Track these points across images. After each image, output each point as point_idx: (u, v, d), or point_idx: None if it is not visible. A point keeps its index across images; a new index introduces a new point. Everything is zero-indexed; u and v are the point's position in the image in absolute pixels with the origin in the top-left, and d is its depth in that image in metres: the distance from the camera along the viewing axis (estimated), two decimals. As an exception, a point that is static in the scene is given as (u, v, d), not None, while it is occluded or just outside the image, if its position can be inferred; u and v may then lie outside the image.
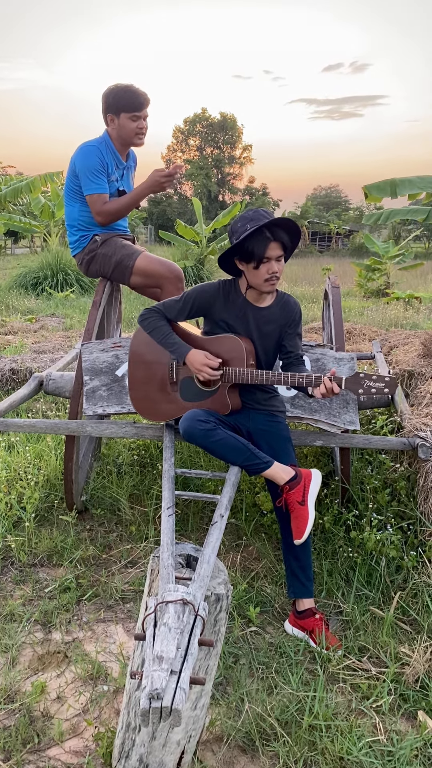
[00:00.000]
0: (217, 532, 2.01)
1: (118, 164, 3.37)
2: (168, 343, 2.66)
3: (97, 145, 3.26)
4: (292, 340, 2.70)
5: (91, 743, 1.95)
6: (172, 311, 2.69)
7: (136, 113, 3.22)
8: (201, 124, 55.19)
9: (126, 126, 3.24)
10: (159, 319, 2.69)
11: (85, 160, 3.22)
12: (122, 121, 3.23)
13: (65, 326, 8.88)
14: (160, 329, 2.68)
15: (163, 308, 2.70)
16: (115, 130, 3.28)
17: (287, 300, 2.69)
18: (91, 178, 3.21)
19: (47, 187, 14.86)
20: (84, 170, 3.21)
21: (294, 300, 2.72)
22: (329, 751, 1.91)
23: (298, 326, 2.71)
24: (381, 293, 14.26)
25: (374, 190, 6.80)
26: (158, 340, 2.69)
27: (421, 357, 4.58)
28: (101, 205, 3.25)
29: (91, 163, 3.21)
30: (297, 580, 2.51)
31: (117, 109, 3.22)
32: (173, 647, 1.40)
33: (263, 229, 2.43)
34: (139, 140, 3.32)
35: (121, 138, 3.29)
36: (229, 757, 1.93)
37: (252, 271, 2.51)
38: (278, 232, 2.45)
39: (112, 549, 3.10)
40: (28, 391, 3.49)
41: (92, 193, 3.23)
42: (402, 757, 1.89)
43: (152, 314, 2.70)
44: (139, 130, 3.27)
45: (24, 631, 2.47)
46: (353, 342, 6.98)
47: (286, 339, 2.70)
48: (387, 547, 2.77)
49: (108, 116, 3.28)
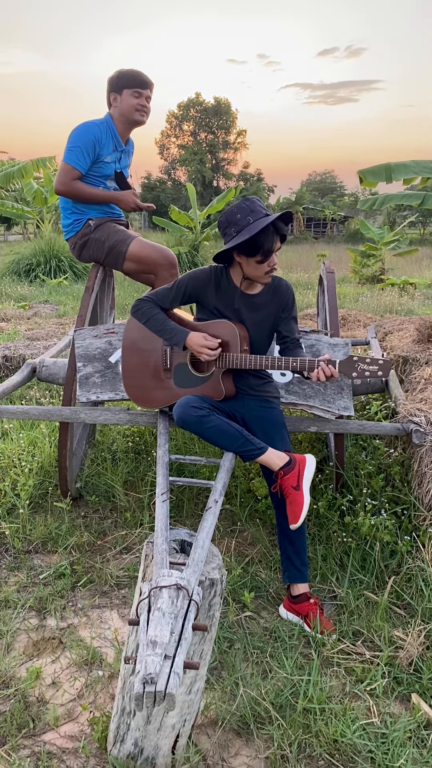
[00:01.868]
0: (212, 517, 2.00)
1: (117, 146, 3.34)
2: (165, 330, 2.64)
3: (98, 124, 3.24)
4: (288, 325, 2.69)
5: (87, 728, 1.96)
6: (165, 300, 2.67)
7: (138, 89, 3.23)
8: (195, 109, 54.67)
9: (127, 101, 3.24)
10: (153, 308, 2.67)
11: (79, 134, 3.21)
12: (124, 97, 3.24)
13: (58, 313, 8.84)
14: (156, 318, 2.65)
15: (155, 297, 2.68)
16: (117, 108, 3.27)
17: (279, 284, 2.67)
18: (76, 150, 3.19)
19: (40, 172, 14.70)
20: (73, 141, 3.20)
21: (286, 283, 2.70)
22: (323, 733, 1.92)
23: (292, 310, 2.70)
24: (376, 279, 14.24)
25: (369, 175, 6.76)
26: (154, 329, 2.66)
27: (415, 343, 4.58)
28: (71, 179, 3.23)
29: (83, 138, 3.19)
30: (292, 565, 2.51)
31: (120, 86, 3.24)
32: (167, 632, 1.40)
33: (270, 225, 2.41)
34: (140, 116, 3.29)
35: (122, 115, 3.27)
36: (224, 740, 1.94)
37: (254, 265, 2.48)
38: (280, 226, 2.45)
39: (106, 535, 3.10)
40: (21, 377, 3.47)
41: (69, 163, 3.20)
42: (395, 739, 1.91)
43: (145, 304, 2.68)
44: (140, 107, 3.26)
45: (19, 618, 2.47)
46: (348, 328, 6.98)
47: (281, 324, 2.68)
48: (381, 532, 2.78)
49: (111, 96, 3.28)
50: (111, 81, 3.27)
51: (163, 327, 2.64)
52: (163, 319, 2.65)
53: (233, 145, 55.52)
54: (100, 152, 3.24)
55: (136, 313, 2.69)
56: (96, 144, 3.20)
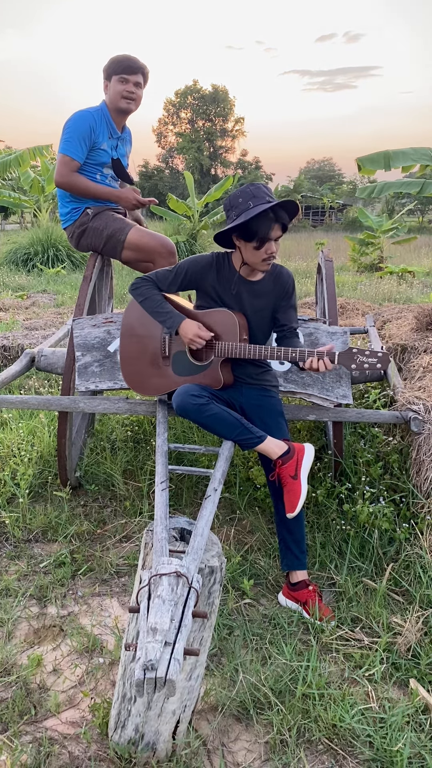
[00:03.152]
0: (211, 505, 2.01)
1: (112, 134, 3.32)
2: (160, 312, 2.62)
3: (93, 113, 3.23)
4: (286, 313, 2.68)
5: (88, 714, 1.98)
6: (164, 281, 2.66)
7: (124, 75, 3.21)
8: (192, 97, 54.29)
9: (114, 88, 3.23)
10: (151, 288, 2.66)
11: (74, 123, 3.20)
12: (112, 83, 3.24)
13: (57, 303, 8.81)
14: (153, 298, 2.64)
15: (155, 278, 2.67)
16: (108, 95, 3.27)
17: (280, 271, 2.67)
18: (72, 140, 3.17)
19: (37, 161, 14.64)
20: (69, 131, 3.19)
21: (287, 271, 2.69)
22: (322, 719, 1.94)
23: (291, 298, 2.68)
24: (374, 267, 14.21)
25: (367, 163, 6.73)
26: (150, 309, 2.65)
27: (414, 331, 4.58)
28: (70, 170, 3.21)
29: (79, 127, 3.18)
30: (290, 553, 2.52)
31: (109, 73, 3.24)
32: (167, 619, 1.41)
33: (268, 211, 2.39)
34: (126, 104, 3.25)
35: (112, 103, 3.27)
36: (224, 726, 1.95)
37: (251, 250, 2.47)
38: (281, 214, 2.42)
39: (106, 524, 3.11)
40: (19, 367, 3.47)
41: (66, 154, 3.19)
42: (394, 723, 1.93)
43: (144, 283, 2.67)
44: (126, 94, 3.23)
45: (19, 606, 2.49)
46: (346, 316, 6.96)
47: (279, 312, 2.68)
48: (380, 520, 2.79)
49: (104, 83, 3.28)
50: (105, 68, 3.26)
51: (159, 309, 2.63)
52: (160, 300, 2.63)
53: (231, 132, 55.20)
54: (95, 140, 3.22)
55: (134, 291, 2.68)
56: (91, 132, 3.19)
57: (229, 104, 54.34)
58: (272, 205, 2.38)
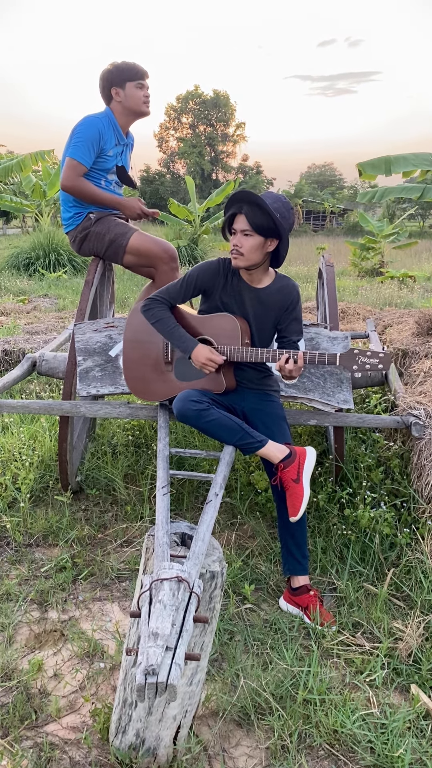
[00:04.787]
0: (212, 510, 2.01)
1: (119, 140, 3.34)
2: (174, 337, 2.63)
3: (100, 119, 3.24)
4: (287, 324, 2.67)
5: (89, 719, 1.97)
6: (176, 296, 2.67)
7: (141, 81, 3.26)
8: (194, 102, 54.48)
9: (133, 94, 3.26)
10: (164, 310, 2.66)
11: (83, 128, 3.21)
12: (129, 90, 3.25)
13: (58, 307, 8.83)
14: (165, 321, 2.64)
15: (167, 295, 2.67)
16: (120, 102, 3.27)
17: (286, 283, 2.67)
18: (81, 145, 3.18)
19: (38, 165, 14.65)
20: (78, 136, 3.19)
21: (293, 283, 2.68)
22: (323, 724, 1.94)
23: (294, 310, 2.67)
24: (375, 272, 14.23)
25: (368, 168, 6.74)
26: (162, 332, 2.65)
27: (414, 336, 4.58)
28: (78, 175, 3.22)
29: (88, 133, 3.19)
30: (292, 558, 2.52)
31: (122, 80, 3.24)
32: (168, 624, 1.41)
33: (238, 202, 2.46)
34: (147, 108, 3.33)
35: (129, 108, 3.28)
36: (225, 731, 1.95)
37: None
38: (252, 208, 2.43)
39: (107, 529, 3.11)
40: (21, 372, 3.48)
41: (74, 158, 3.19)
42: (395, 729, 1.92)
43: (155, 304, 2.67)
44: (145, 98, 3.30)
45: (20, 610, 2.49)
46: (347, 321, 6.96)
47: (281, 323, 2.68)
48: (381, 525, 2.79)
49: (113, 90, 3.27)
50: (109, 75, 3.25)
51: (171, 333, 2.63)
52: (173, 325, 2.64)
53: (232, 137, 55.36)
54: (103, 146, 3.24)
55: (147, 313, 2.68)
56: (100, 138, 3.20)
57: (231, 109, 54.52)
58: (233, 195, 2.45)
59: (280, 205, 2.46)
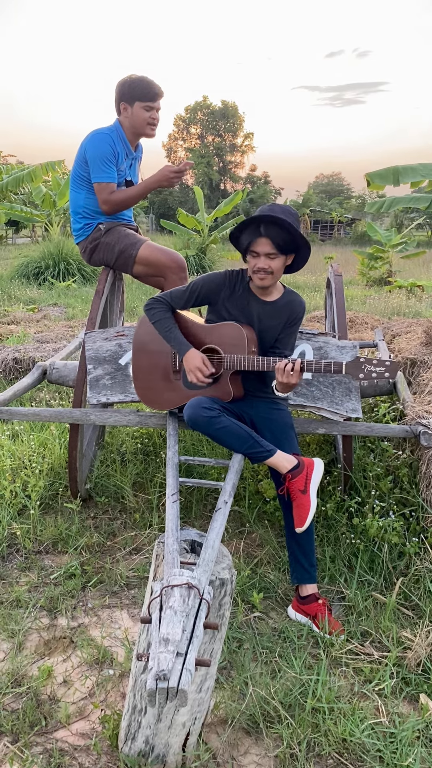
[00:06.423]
0: (221, 518, 2.03)
1: (128, 154, 3.36)
2: (170, 338, 2.68)
3: (109, 133, 3.25)
4: (284, 337, 2.71)
5: (98, 725, 1.98)
6: (179, 301, 2.71)
7: (150, 103, 3.22)
8: (202, 112, 54.88)
9: (139, 115, 3.24)
10: (165, 311, 2.70)
11: (96, 147, 3.21)
12: (135, 109, 3.23)
13: (68, 316, 8.88)
14: (164, 322, 2.69)
15: (170, 298, 2.71)
16: (127, 118, 3.27)
17: (293, 298, 2.69)
18: (101, 166, 3.20)
19: (48, 176, 14.80)
20: (94, 157, 3.20)
21: (300, 299, 2.70)
22: (332, 733, 1.94)
23: (295, 326, 2.71)
24: (383, 282, 14.24)
25: (377, 178, 6.77)
26: (161, 331, 2.70)
27: (423, 345, 4.58)
28: (108, 194, 3.24)
29: (102, 150, 3.20)
30: (300, 566, 2.53)
31: (132, 97, 3.22)
32: (179, 630, 1.43)
33: (255, 223, 2.45)
34: (150, 131, 3.30)
35: (133, 127, 3.28)
36: (234, 739, 1.95)
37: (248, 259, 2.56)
38: (272, 229, 2.44)
39: (116, 536, 3.13)
40: (31, 380, 3.51)
41: (101, 181, 3.22)
42: (404, 738, 1.92)
43: (158, 304, 2.71)
44: (151, 121, 3.27)
45: (30, 617, 2.50)
46: (356, 330, 6.97)
47: (279, 334, 2.70)
48: (389, 534, 2.79)
49: (121, 105, 3.26)
50: (122, 90, 3.24)
51: (167, 334, 2.68)
52: (170, 326, 2.68)
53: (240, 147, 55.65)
54: (116, 162, 3.27)
55: (148, 312, 2.73)
56: (114, 152, 3.22)
57: (239, 120, 54.85)
58: (255, 218, 2.45)
59: (293, 219, 2.49)
